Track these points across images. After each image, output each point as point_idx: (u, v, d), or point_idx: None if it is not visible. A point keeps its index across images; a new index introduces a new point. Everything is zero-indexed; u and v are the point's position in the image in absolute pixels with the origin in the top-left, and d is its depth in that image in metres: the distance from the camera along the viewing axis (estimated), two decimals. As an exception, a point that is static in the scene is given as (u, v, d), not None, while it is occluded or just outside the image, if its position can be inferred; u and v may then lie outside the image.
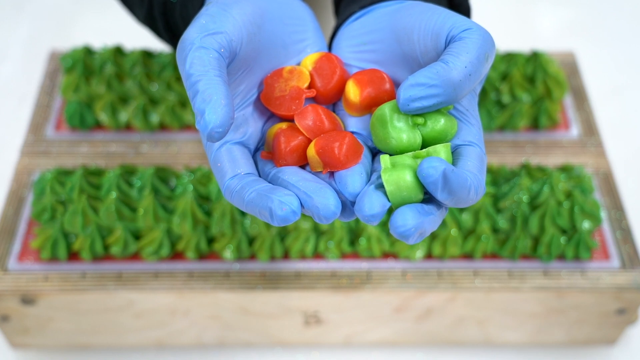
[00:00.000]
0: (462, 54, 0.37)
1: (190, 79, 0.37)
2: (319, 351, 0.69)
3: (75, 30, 0.97)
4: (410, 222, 0.35)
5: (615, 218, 0.66)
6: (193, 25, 0.39)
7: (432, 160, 0.34)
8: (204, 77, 0.36)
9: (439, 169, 0.34)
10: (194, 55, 0.37)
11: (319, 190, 0.37)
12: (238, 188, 0.38)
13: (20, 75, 0.92)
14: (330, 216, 0.36)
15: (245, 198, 0.37)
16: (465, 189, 0.35)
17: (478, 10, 1.00)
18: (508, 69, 0.70)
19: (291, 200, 0.36)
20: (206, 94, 0.36)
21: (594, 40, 0.96)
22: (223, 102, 0.35)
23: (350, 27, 0.45)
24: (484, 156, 0.39)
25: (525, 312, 0.64)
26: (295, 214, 0.35)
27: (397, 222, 0.35)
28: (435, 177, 0.34)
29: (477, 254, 0.63)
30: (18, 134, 0.83)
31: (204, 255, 0.63)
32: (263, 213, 0.36)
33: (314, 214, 0.37)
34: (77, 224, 0.61)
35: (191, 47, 0.37)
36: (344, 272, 0.63)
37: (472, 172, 0.37)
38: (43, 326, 0.65)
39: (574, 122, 0.72)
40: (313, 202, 0.36)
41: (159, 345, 0.68)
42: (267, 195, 0.36)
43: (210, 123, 0.35)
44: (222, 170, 0.39)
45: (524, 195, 0.62)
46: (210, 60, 0.37)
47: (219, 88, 0.36)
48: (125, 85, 0.70)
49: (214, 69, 0.37)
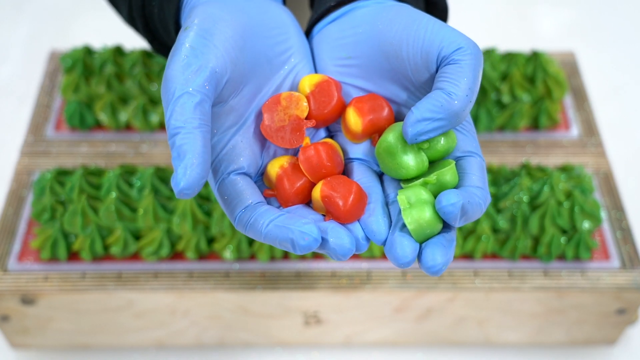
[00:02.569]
0: (460, 81, 0.37)
1: (169, 129, 0.36)
2: (319, 351, 0.69)
3: (75, 30, 0.97)
4: (440, 260, 0.37)
5: (615, 218, 0.66)
6: (175, 62, 0.38)
7: (449, 197, 0.36)
8: (182, 129, 0.36)
9: (457, 206, 0.36)
10: (176, 104, 0.36)
11: (332, 231, 0.37)
12: (252, 221, 0.38)
13: (20, 75, 0.92)
14: (347, 253, 0.37)
15: (263, 231, 0.37)
16: (479, 211, 0.37)
17: (478, 10, 1.01)
18: (508, 69, 0.70)
19: (312, 229, 0.36)
20: (181, 150, 0.35)
21: (594, 40, 0.96)
22: (195, 161, 0.35)
23: (328, 32, 0.44)
24: (483, 163, 0.40)
25: (525, 312, 0.64)
26: (317, 241, 0.36)
27: (428, 263, 0.37)
28: (455, 213, 0.36)
29: (477, 254, 0.63)
30: (18, 134, 0.83)
31: (204, 255, 0.63)
32: (284, 244, 0.37)
33: (330, 254, 0.37)
34: (77, 224, 0.61)
35: (173, 94, 0.37)
36: (344, 272, 0.63)
37: (479, 187, 0.38)
38: (43, 326, 0.65)
39: (574, 122, 0.72)
40: (329, 244, 0.37)
41: (159, 345, 0.68)
42: (286, 227, 0.37)
43: (179, 183, 0.35)
44: (231, 204, 0.39)
45: (524, 195, 0.62)
46: (192, 109, 0.36)
47: (194, 144, 0.35)
48: (125, 85, 0.70)
49: (195, 118, 0.36)
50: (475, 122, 0.71)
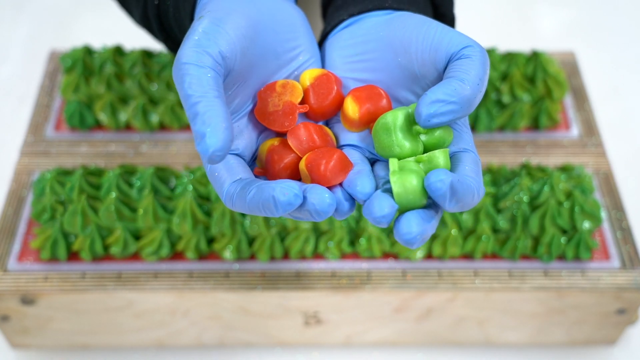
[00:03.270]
0: (472, 71, 0.38)
1: (190, 100, 0.37)
2: (319, 351, 0.69)
3: (75, 30, 0.97)
4: (415, 229, 0.36)
5: (615, 218, 0.66)
6: (187, 43, 0.39)
7: (438, 173, 0.36)
8: (204, 98, 0.37)
9: (446, 182, 0.36)
10: (192, 75, 0.37)
11: (312, 188, 0.37)
12: (239, 190, 0.38)
13: (20, 75, 0.92)
14: (327, 209, 0.37)
15: (247, 196, 0.37)
16: (470, 195, 0.37)
17: (478, 10, 1.00)
18: (508, 69, 0.70)
19: (292, 185, 0.36)
20: (206, 117, 0.36)
21: (594, 40, 0.96)
22: (223, 125, 0.36)
23: (340, 36, 0.45)
24: (478, 160, 0.40)
25: (526, 312, 0.64)
26: (298, 197, 0.36)
27: (403, 230, 0.37)
28: (444, 190, 0.36)
29: (478, 254, 0.63)
30: (18, 134, 0.83)
31: (204, 256, 0.63)
32: (267, 205, 0.37)
33: (310, 211, 0.37)
34: (76, 224, 0.61)
35: (188, 67, 0.37)
36: (344, 272, 0.63)
37: (472, 176, 0.38)
38: (43, 326, 0.65)
39: (574, 122, 0.72)
40: (308, 201, 0.37)
41: (159, 345, 0.68)
42: (268, 186, 0.37)
43: (211, 147, 0.35)
44: (221, 179, 0.39)
45: (524, 195, 0.62)
46: (208, 80, 0.37)
47: (219, 110, 0.36)
48: (125, 85, 0.70)
49: (213, 89, 0.37)
50: (475, 122, 0.71)
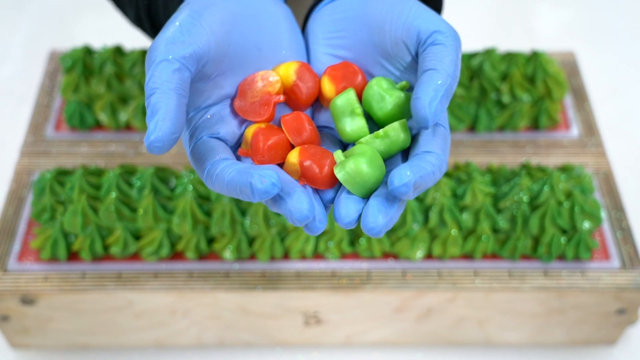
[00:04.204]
0: (446, 59, 0.39)
1: (147, 92, 0.38)
2: (319, 351, 0.69)
3: (75, 30, 0.97)
4: (381, 221, 0.37)
5: (615, 218, 0.66)
6: (160, 35, 0.40)
7: (401, 177, 0.36)
8: (158, 90, 0.37)
9: (410, 185, 0.36)
10: (155, 69, 0.38)
11: (294, 194, 0.38)
12: (218, 171, 0.39)
13: (20, 75, 0.92)
14: (303, 220, 0.37)
15: (226, 178, 0.38)
16: (433, 181, 0.38)
17: (478, 10, 1.01)
18: (508, 69, 0.70)
19: (271, 174, 0.37)
20: (154, 108, 0.37)
21: (594, 40, 0.96)
22: (167, 116, 0.37)
23: (323, 12, 0.46)
24: (447, 135, 0.41)
25: (526, 312, 0.64)
26: (275, 187, 0.36)
27: (369, 225, 0.37)
28: (408, 193, 0.36)
29: (477, 254, 0.63)
30: (18, 134, 0.83)
31: (204, 255, 0.63)
32: (244, 190, 0.37)
33: (287, 216, 0.38)
34: (76, 224, 0.61)
35: (154, 60, 0.38)
36: (344, 272, 0.63)
37: (436, 153, 0.39)
38: (43, 326, 0.65)
39: (574, 122, 0.72)
40: (287, 206, 0.38)
41: (159, 345, 0.68)
42: (247, 172, 0.37)
43: (150, 136, 0.36)
44: (201, 159, 0.40)
45: (524, 195, 0.62)
46: (170, 74, 0.38)
47: (168, 102, 0.37)
48: (125, 85, 0.70)
49: (171, 81, 0.38)
50: (475, 122, 0.71)
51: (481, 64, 0.70)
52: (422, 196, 0.62)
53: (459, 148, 0.70)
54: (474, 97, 0.70)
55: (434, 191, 0.62)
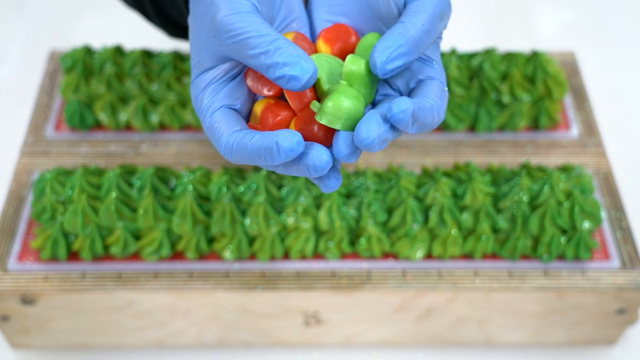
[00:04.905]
0: (419, 14, 0.41)
1: (261, 39, 0.39)
2: (319, 351, 0.69)
3: (75, 30, 0.97)
4: (374, 131, 0.38)
5: (615, 218, 0.66)
6: (219, 3, 0.40)
7: (400, 104, 0.37)
8: (276, 36, 0.39)
9: (408, 112, 0.38)
10: (243, 21, 0.39)
11: (313, 146, 0.39)
12: (239, 138, 0.40)
13: (20, 75, 0.92)
14: (324, 166, 0.39)
15: (249, 143, 0.39)
16: (430, 117, 0.40)
17: (478, 10, 1.00)
18: (508, 69, 0.70)
19: (295, 133, 0.38)
20: (292, 49, 0.39)
21: (594, 40, 0.96)
22: (305, 54, 0.39)
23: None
24: (445, 88, 0.42)
25: (526, 312, 0.64)
26: (300, 144, 0.38)
27: (362, 134, 0.38)
28: (406, 120, 0.38)
29: (477, 254, 0.63)
30: (18, 134, 0.83)
31: (204, 255, 0.63)
32: (269, 150, 0.38)
33: (307, 168, 0.39)
34: (77, 224, 0.61)
35: (233, 17, 0.40)
36: (344, 272, 0.63)
37: (433, 99, 0.41)
38: (43, 326, 0.65)
39: (574, 122, 0.72)
40: (307, 157, 0.39)
41: (159, 345, 0.68)
42: (271, 133, 0.39)
43: (310, 69, 0.38)
44: (220, 131, 0.41)
45: (524, 195, 0.62)
46: (262, 21, 0.40)
47: (294, 45, 0.39)
48: (125, 85, 0.70)
49: (270, 27, 0.40)
50: (476, 122, 0.71)
51: (481, 64, 0.70)
52: (422, 196, 0.62)
53: (459, 148, 0.70)
54: (474, 97, 0.70)
55: (434, 191, 0.62)
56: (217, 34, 0.40)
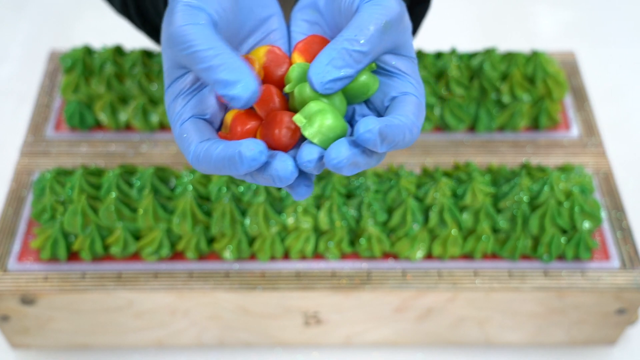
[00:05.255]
0: (353, 27, 0.40)
1: (204, 53, 0.38)
2: (319, 351, 0.69)
3: (75, 30, 0.97)
4: (344, 153, 0.37)
5: (615, 218, 0.66)
6: (176, 9, 0.40)
7: (367, 123, 0.37)
8: (222, 50, 0.38)
9: (374, 131, 0.36)
10: (195, 33, 0.39)
11: (278, 155, 0.39)
12: (205, 148, 0.39)
13: (20, 75, 0.92)
14: (289, 176, 0.38)
15: (214, 153, 0.38)
16: (400, 135, 0.38)
17: (478, 10, 1.01)
18: (508, 69, 0.70)
19: (258, 142, 0.37)
20: (234, 66, 0.38)
21: (594, 40, 0.96)
22: (250, 70, 0.38)
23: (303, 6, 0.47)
24: (421, 104, 0.41)
25: (526, 312, 0.64)
26: (262, 154, 0.37)
27: (331, 155, 0.37)
28: (373, 139, 0.37)
29: (477, 254, 0.63)
30: (18, 134, 0.83)
31: (204, 255, 0.63)
32: (232, 160, 0.38)
33: (272, 178, 0.38)
34: (76, 224, 0.61)
35: (187, 28, 0.39)
36: (344, 272, 0.63)
37: (405, 115, 0.39)
38: (43, 326, 0.65)
39: (574, 122, 0.72)
40: (271, 166, 0.38)
41: (159, 345, 0.68)
42: (234, 143, 0.38)
43: (249, 88, 0.37)
44: (189, 140, 0.40)
45: (524, 195, 0.62)
46: (215, 35, 0.39)
47: (241, 60, 0.38)
48: (125, 85, 0.70)
49: (222, 41, 0.39)
50: (476, 122, 0.71)
51: (481, 64, 0.70)
52: (422, 196, 0.62)
53: (459, 148, 0.70)
54: (474, 97, 0.70)
55: (434, 191, 0.62)
56: (171, 45, 0.40)
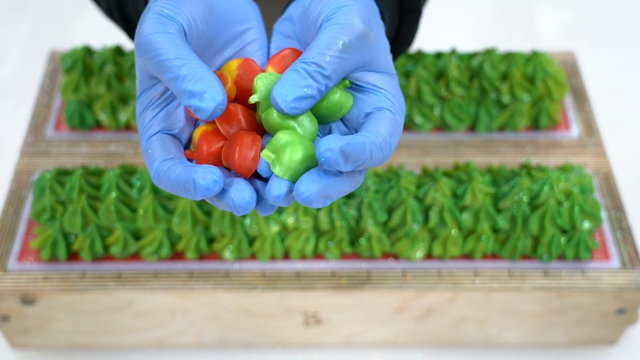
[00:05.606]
0: (314, 45, 0.39)
1: (171, 62, 0.38)
2: (318, 351, 0.69)
3: (75, 30, 0.97)
4: (314, 188, 0.37)
5: (615, 218, 0.66)
6: (147, 17, 0.39)
7: (327, 142, 0.36)
8: (188, 60, 0.38)
9: (335, 150, 0.35)
10: (163, 42, 0.38)
11: (234, 183, 0.38)
12: (166, 168, 0.38)
13: (20, 75, 0.92)
14: (245, 206, 0.37)
15: (172, 175, 0.38)
16: (366, 153, 0.37)
17: (478, 10, 1.01)
18: (508, 69, 0.70)
19: (214, 171, 0.37)
20: (200, 75, 0.37)
21: (594, 40, 0.96)
22: (217, 81, 0.37)
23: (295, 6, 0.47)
24: (394, 118, 0.40)
25: (526, 312, 0.64)
26: (217, 184, 0.36)
27: (301, 189, 0.37)
28: (334, 158, 0.36)
29: (477, 254, 0.63)
30: (18, 134, 0.83)
31: (204, 255, 0.63)
32: (187, 187, 0.37)
33: (230, 206, 0.38)
34: (76, 224, 0.61)
35: (156, 36, 0.38)
36: (344, 272, 0.63)
37: (375, 132, 0.38)
38: (43, 326, 0.65)
39: (574, 122, 0.72)
40: (228, 195, 0.38)
41: (159, 345, 0.68)
42: (191, 168, 0.37)
43: (216, 99, 0.37)
44: (153, 156, 0.40)
45: (524, 195, 0.62)
46: (183, 45, 0.38)
47: (209, 70, 0.38)
48: (125, 85, 0.70)
49: (190, 51, 0.38)
50: (476, 122, 0.71)
51: (481, 64, 0.70)
52: (422, 196, 0.62)
53: (459, 148, 0.70)
54: (474, 97, 0.70)
55: (434, 191, 0.62)
56: (140, 53, 0.39)
